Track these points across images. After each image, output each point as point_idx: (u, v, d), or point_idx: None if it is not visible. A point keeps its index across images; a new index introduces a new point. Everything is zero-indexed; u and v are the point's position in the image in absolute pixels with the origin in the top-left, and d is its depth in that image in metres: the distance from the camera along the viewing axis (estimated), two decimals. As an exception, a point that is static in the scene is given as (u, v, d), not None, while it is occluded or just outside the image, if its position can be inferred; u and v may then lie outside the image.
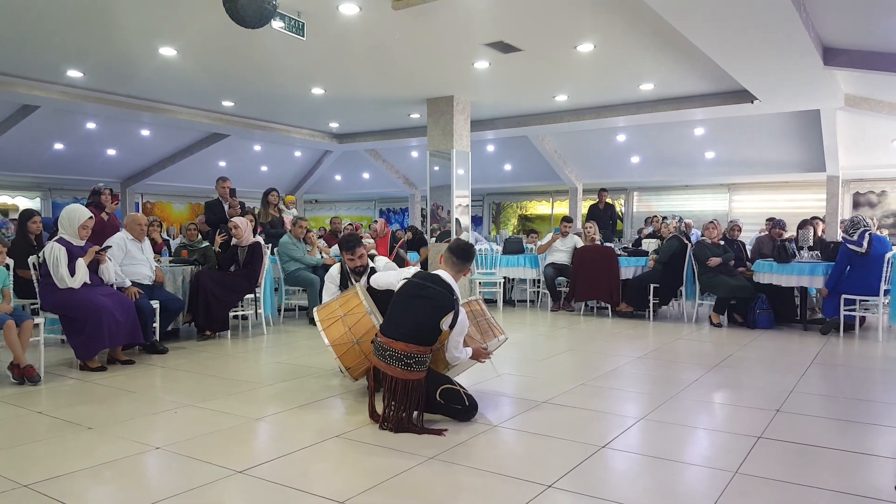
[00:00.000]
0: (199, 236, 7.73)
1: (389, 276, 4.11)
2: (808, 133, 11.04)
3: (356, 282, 4.62)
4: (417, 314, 3.47)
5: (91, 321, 4.77)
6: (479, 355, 3.83)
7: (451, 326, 3.48)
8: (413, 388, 3.43)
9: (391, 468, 2.89)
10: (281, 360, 5.45)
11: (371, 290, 4.36)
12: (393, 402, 3.43)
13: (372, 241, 9.18)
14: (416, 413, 3.45)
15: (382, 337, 3.51)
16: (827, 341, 6.27)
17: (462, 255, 3.69)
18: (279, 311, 7.80)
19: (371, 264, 4.72)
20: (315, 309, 4.15)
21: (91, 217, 5.14)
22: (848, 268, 6.51)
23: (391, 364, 3.41)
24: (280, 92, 9.35)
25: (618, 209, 14.83)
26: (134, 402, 4.05)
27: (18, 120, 10.69)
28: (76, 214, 5.05)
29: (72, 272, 4.85)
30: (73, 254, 4.91)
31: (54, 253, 4.84)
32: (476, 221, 18.56)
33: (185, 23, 6.22)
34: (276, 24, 5.54)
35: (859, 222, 6.46)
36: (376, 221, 9.83)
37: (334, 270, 4.79)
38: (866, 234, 6.34)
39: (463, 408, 3.55)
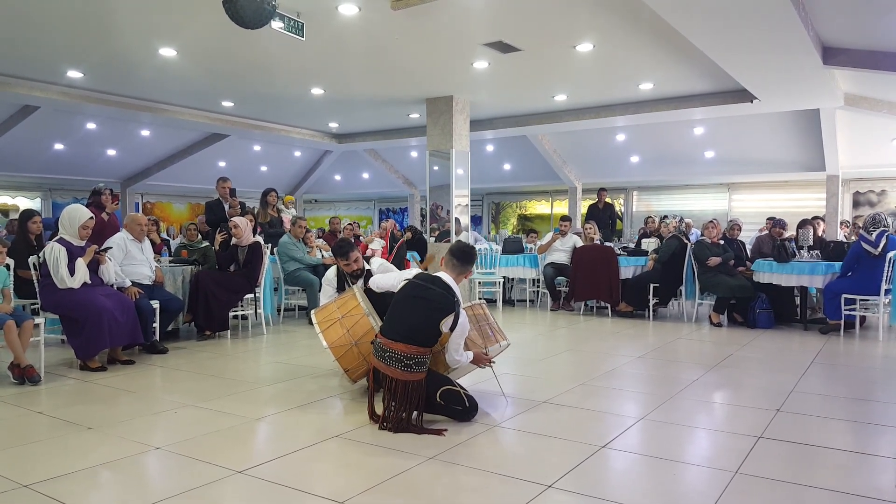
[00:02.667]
0: (199, 236, 7.74)
1: (390, 277, 4.11)
2: (807, 132, 11.04)
3: (353, 284, 4.62)
4: (417, 315, 3.47)
5: (91, 321, 4.77)
6: (480, 360, 3.83)
7: (452, 329, 3.48)
8: (413, 388, 3.43)
9: (391, 468, 2.89)
10: (280, 360, 5.45)
11: (369, 293, 4.37)
12: (393, 403, 3.44)
13: (382, 241, 9.19)
14: (415, 413, 3.45)
15: (382, 338, 3.51)
16: (827, 341, 6.27)
17: (463, 257, 3.69)
18: (279, 311, 7.80)
19: (367, 267, 4.72)
20: (313, 311, 4.15)
21: (91, 217, 5.14)
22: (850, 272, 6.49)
23: (391, 365, 3.42)
24: (279, 92, 9.35)
25: (617, 209, 14.82)
26: (134, 403, 4.05)
27: (19, 120, 10.68)
28: (77, 214, 5.05)
29: (72, 272, 4.86)
30: (74, 254, 4.92)
31: (54, 253, 4.85)
32: (475, 221, 18.56)
33: (184, 23, 6.22)
34: (276, 24, 5.54)
35: (881, 221, 6.32)
36: (387, 221, 9.85)
37: (331, 273, 4.80)
38: (884, 236, 6.25)
39: (463, 409, 3.55)
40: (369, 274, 4.60)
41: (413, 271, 3.85)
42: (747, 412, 3.84)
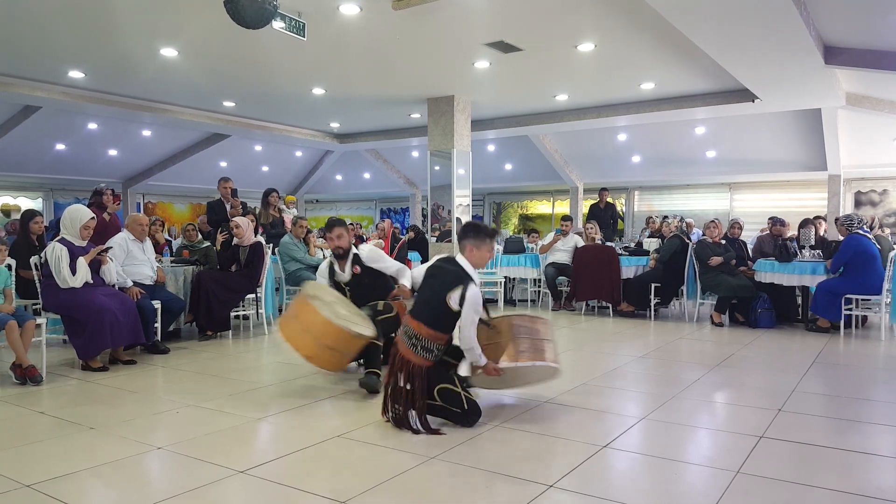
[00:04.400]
0: (199, 236, 7.75)
1: (421, 269, 4.10)
2: (809, 132, 11.03)
3: (341, 270, 4.73)
4: (428, 291, 3.54)
5: (93, 321, 4.77)
6: (489, 370, 3.58)
7: (461, 304, 3.39)
8: (415, 372, 3.41)
9: (392, 468, 2.89)
10: (282, 360, 5.44)
11: (354, 283, 4.64)
12: (401, 385, 3.41)
13: (381, 241, 9.20)
14: (416, 411, 3.42)
15: (407, 317, 3.56)
16: (829, 340, 6.26)
17: (472, 231, 3.57)
18: (280, 310, 7.79)
19: (354, 250, 4.78)
20: (277, 325, 4.19)
21: (93, 217, 5.15)
22: (842, 268, 6.51)
23: (405, 342, 3.47)
24: (281, 92, 9.35)
25: (619, 209, 14.82)
26: (136, 403, 4.05)
27: (20, 121, 10.70)
28: (78, 215, 5.06)
29: (73, 272, 4.86)
30: (75, 254, 4.92)
31: (56, 253, 4.85)
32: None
33: (185, 23, 6.23)
34: (277, 24, 5.54)
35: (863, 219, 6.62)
36: (383, 221, 9.85)
37: (324, 266, 4.88)
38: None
39: (462, 411, 3.45)
40: (357, 257, 4.70)
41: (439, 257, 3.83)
42: (749, 412, 3.83)
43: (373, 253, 4.78)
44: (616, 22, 6.18)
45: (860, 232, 6.47)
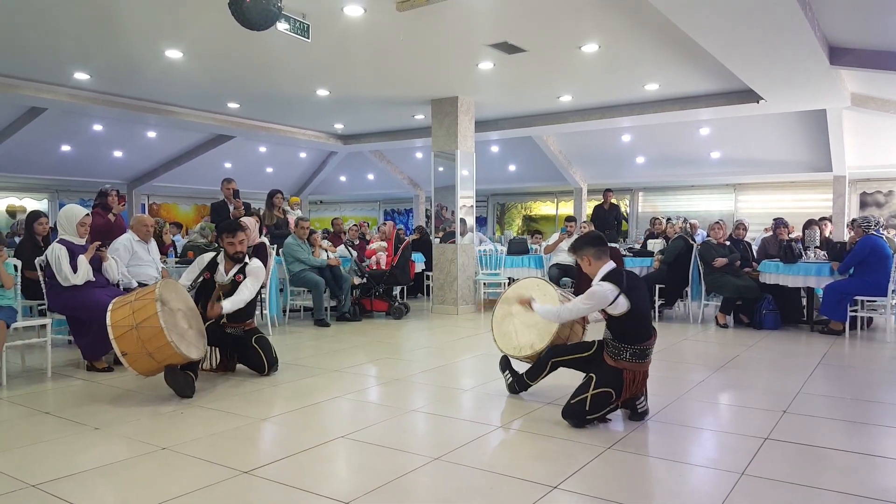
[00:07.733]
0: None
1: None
2: (814, 133, 10.99)
3: (226, 271, 4.79)
4: None
5: (98, 322, 4.77)
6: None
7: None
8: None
9: (396, 469, 2.90)
10: (286, 360, 5.44)
11: (229, 289, 4.69)
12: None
13: (384, 242, 9.20)
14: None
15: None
16: (834, 342, 6.24)
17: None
18: (284, 312, 7.81)
19: (246, 260, 4.86)
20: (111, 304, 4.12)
21: (87, 213, 5.18)
22: (852, 269, 6.48)
23: None
24: (285, 93, 9.37)
25: (623, 210, 14.80)
26: (140, 403, 4.07)
27: (26, 122, 10.74)
28: (73, 213, 5.10)
29: (74, 270, 4.89)
30: (75, 252, 4.95)
31: (55, 252, 4.88)
32: (480, 222, 18.55)
33: (190, 25, 6.25)
34: (282, 26, 5.55)
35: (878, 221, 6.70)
36: (385, 224, 9.85)
37: (206, 257, 4.95)
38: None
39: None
40: (245, 267, 4.80)
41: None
42: (753, 413, 3.82)
43: (258, 270, 4.87)
44: (620, 23, 6.17)
45: (875, 233, 6.47)
